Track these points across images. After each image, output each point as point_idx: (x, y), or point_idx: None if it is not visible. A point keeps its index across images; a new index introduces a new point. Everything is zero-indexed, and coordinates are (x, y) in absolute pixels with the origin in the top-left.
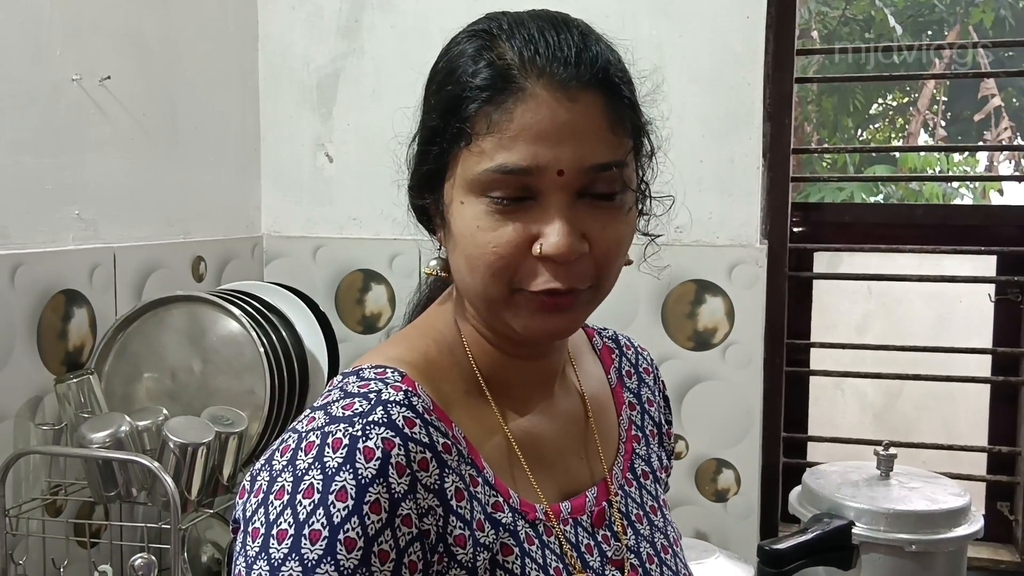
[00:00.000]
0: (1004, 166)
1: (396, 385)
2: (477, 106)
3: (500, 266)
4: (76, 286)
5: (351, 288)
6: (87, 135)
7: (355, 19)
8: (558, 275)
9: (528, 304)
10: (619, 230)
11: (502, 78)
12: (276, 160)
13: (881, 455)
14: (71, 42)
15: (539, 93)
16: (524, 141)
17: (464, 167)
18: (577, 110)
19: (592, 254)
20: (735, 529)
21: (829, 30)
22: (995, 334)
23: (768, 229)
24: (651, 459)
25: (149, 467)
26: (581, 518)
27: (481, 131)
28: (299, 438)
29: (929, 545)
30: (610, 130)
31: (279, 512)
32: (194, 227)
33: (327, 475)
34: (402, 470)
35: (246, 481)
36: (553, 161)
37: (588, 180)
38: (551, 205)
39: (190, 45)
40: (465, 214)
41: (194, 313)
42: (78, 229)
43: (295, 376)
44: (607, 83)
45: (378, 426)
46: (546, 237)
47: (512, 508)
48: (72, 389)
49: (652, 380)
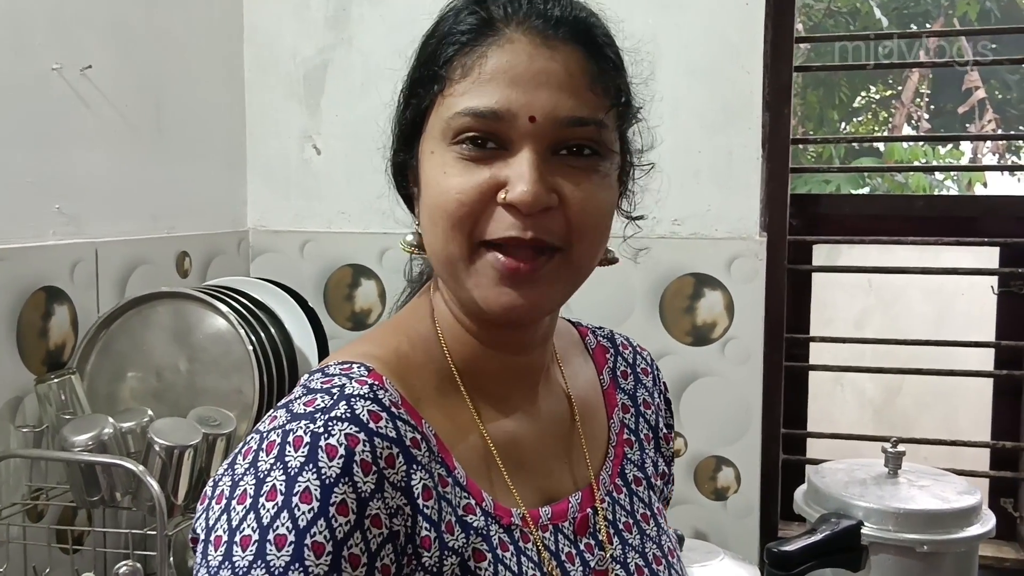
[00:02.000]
0: (987, 158)
1: (361, 379)
2: (454, 51)
3: (462, 214)
4: (57, 283)
5: (340, 284)
6: (69, 127)
7: (343, 9)
8: (522, 224)
9: (489, 271)
10: (595, 192)
11: (483, 25)
12: (263, 153)
13: (889, 452)
14: (52, 31)
15: (517, 38)
16: (497, 84)
17: (437, 115)
18: (556, 59)
19: (563, 211)
20: (735, 528)
21: (814, 22)
22: (998, 327)
23: (767, 221)
24: (644, 464)
25: (134, 471)
26: (562, 524)
27: (455, 76)
28: (260, 438)
29: (941, 545)
30: (589, 87)
31: (242, 517)
32: (179, 222)
33: (289, 475)
34: (368, 468)
35: (208, 488)
36: (526, 107)
37: (562, 133)
38: (521, 152)
39: (175, 35)
40: (434, 162)
41: (180, 310)
42: (59, 224)
43: (284, 375)
44: (589, 40)
45: (341, 421)
46: (512, 184)
47: (485, 512)
48: (53, 389)
49: (651, 381)
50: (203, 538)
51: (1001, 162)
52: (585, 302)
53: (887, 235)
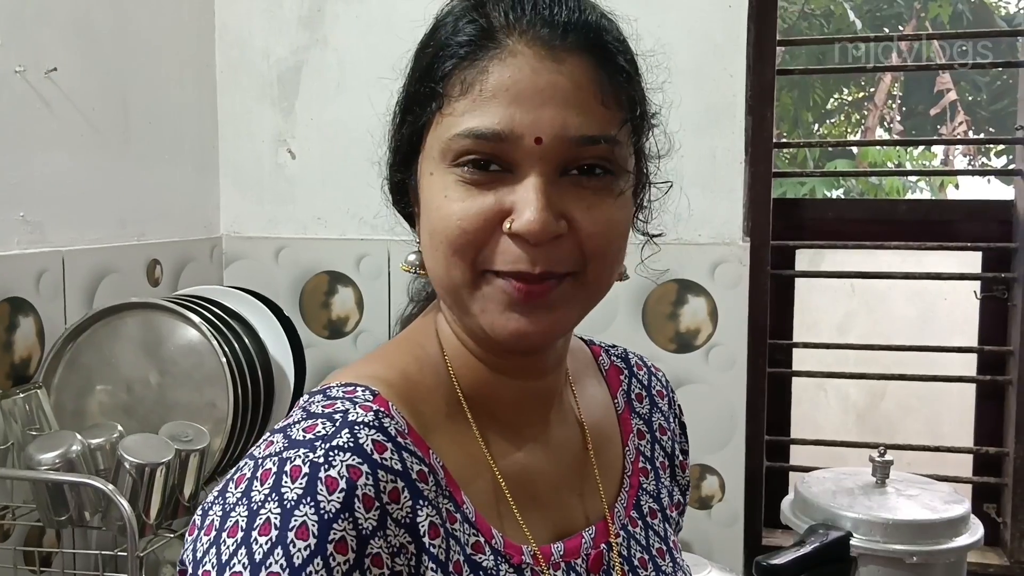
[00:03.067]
0: (958, 160)
1: (366, 405)
2: (452, 65)
3: (463, 242)
4: (22, 293)
5: (316, 291)
6: (32, 131)
7: (318, 8)
8: (531, 256)
9: (497, 295)
10: (608, 212)
11: (483, 35)
12: (235, 157)
13: (877, 461)
14: (14, 32)
15: (521, 51)
16: (500, 103)
17: (435, 134)
18: (563, 72)
19: (575, 237)
20: (720, 537)
21: (788, 24)
22: (981, 332)
23: (750, 226)
24: (660, 495)
25: (103, 490)
26: (575, 562)
27: (454, 93)
28: (255, 465)
29: (930, 556)
30: (600, 101)
31: (232, 552)
32: (148, 228)
33: (285, 508)
34: (370, 503)
35: (196, 516)
36: (531, 127)
37: (572, 154)
38: (527, 177)
39: (142, 35)
40: (434, 185)
41: (150, 321)
42: (23, 232)
43: (260, 387)
44: (600, 48)
45: (343, 451)
46: (518, 212)
47: (494, 550)
48: (18, 405)
49: (667, 404)
50: (190, 572)
51: (972, 163)
52: None
53: (870, 239)
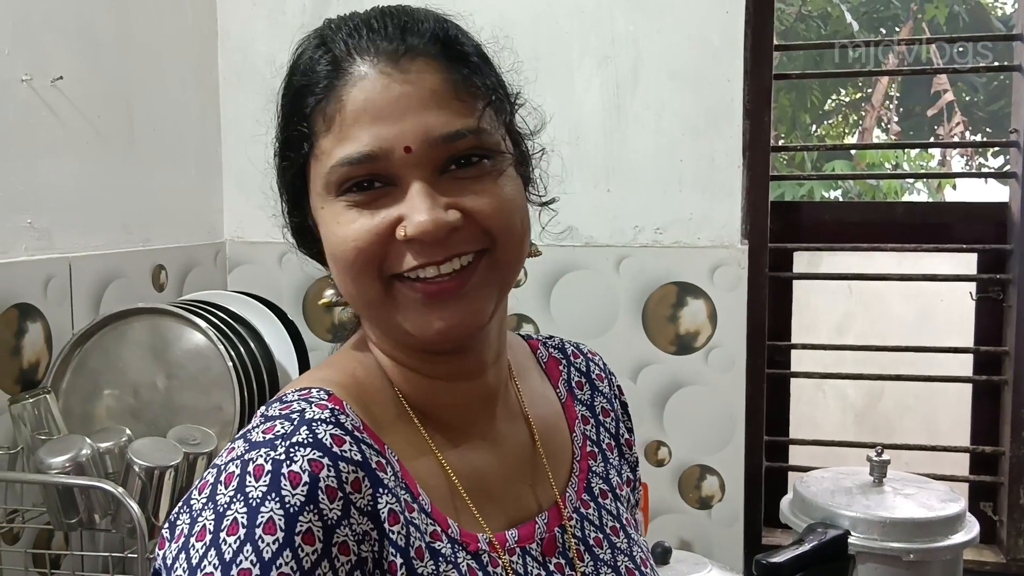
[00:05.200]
0: (955, 161)
1: (321, 403)
2: (312, 102)
3: (363, 259)
4: (30, 299)
5: (319, 295)
6: (39, 139)
7: (319, 15)
8: (431, 252)
9: (410, 300)
10: (496, 191)
11: (330, 68)
12: (238, 162)
13: (874, 461)
14: (20, 41)
15: (366, 72)
16: (361, 126)
17: (315, 171)
18: (411, 80)
19: (473, 223)
20: (720, 537)
21: (785, 27)
22: (976, 332)
23: (748, 229)
24: (609, 475)
25: (113, 493)
26: (530, 547)
27: (320, 130)
28: (218, 471)
29: (927, 554)
30: (454, 95)
31: (202, 554)
32: (153, 234)
33: (251, 507)
34: (334, 494)
35: (164, 530)
36: (397, 139)
37: (442, 152)
38: (410, 184)
39: (146, 43)
40: (326, 217)
41: (156, 326)
42: (31, 239)
43: (265, 390)
44: (440, 46)
45: (303, 447)
46: (408, 219)
47: (451, 538)
48: (28, 409)
49: (607, 387)
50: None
51: (969, 164)
52: (568, 312)
53: (867, 241)
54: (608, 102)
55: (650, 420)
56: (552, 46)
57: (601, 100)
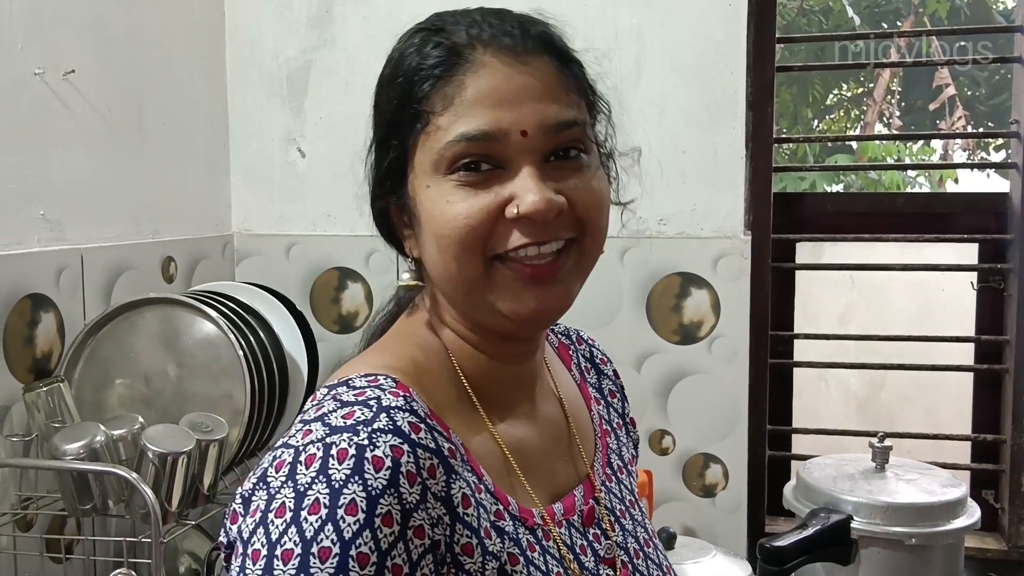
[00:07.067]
0: (957, 155)
1: (394, 391)
2: (430, 85)
3: (472, 237)
4: (42, 290)
5: (326, 287)
6: (51, 132)
7: (326, 9)
8: (537, 232)
9: (509, 280)
10: (594, 185)
11: (452, 54)
12: (246, 155)
13: (876, 447)
14: (33, 35)
15: (490, 61)
16: (482, 107)
17: (424, 151)
18: (531, 72)
19: (572, 210)
20: (724, 524)
21: (787, 21)
22: (978, 322)
23: (751, 220)
24: (622, 452)
25: (127, 478)
26: (572, 519)
27: (436, 109)
28: (296, 452)
29: (928, 538)
30: (565, 91)
31: (282, 531)
32: (163, 226)
33: (334, 488)
34: (413, 479)
35: (236, 505)
36: (515, 123)
37: (553, 140)
38: (521, 167)
39: (156, 37)
40: (432, 195)
41: (167, 316)
42: (43, 230)
43: (275, 379)
44: (554, 49)
45: (385, 433)
46: (520, 197)
47: (512, 516)
48: (42, 398)
49: (611, 371)
50: (241, 551)
51: (971, 158)
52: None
53: (868, 232)
54: (611, 96)
55: (654, 409)
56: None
57: (604, 94)
